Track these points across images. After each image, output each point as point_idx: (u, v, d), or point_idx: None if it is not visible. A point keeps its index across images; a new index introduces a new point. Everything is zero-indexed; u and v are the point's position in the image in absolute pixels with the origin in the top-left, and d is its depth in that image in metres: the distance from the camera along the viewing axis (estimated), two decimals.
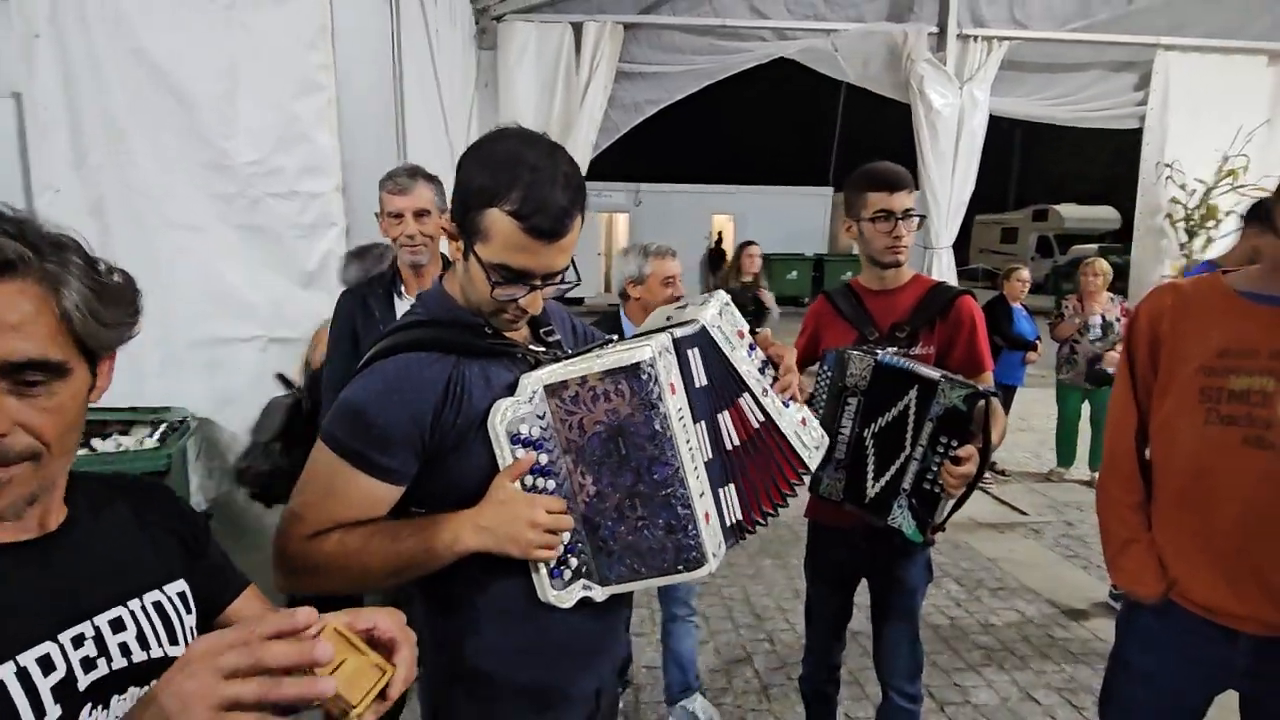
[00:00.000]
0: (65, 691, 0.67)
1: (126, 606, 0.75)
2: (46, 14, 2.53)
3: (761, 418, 1.18)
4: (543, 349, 1.16)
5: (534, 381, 1.06)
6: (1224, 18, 5.48)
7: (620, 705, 2.56)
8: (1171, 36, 5.45)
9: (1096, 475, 1.61)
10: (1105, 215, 22.68)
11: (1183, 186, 5.57)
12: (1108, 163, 25.24)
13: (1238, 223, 5.41)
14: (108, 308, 0.68)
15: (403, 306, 2.04)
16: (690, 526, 1.08)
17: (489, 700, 1.14)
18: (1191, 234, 5.63)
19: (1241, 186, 5.47)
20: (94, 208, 2.64)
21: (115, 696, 0.71)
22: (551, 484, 1.08)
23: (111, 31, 2.56)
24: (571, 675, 1.17)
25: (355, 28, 2.92)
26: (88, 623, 0.71)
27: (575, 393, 1.05)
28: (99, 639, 0.71)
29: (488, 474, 1.06)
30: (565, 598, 1.09)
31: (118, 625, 0.73)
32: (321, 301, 2.16)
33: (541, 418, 1.06)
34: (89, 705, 0.69)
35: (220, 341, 2.70)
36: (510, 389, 1.07)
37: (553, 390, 1.06)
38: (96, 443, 2.25)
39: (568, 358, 1.10)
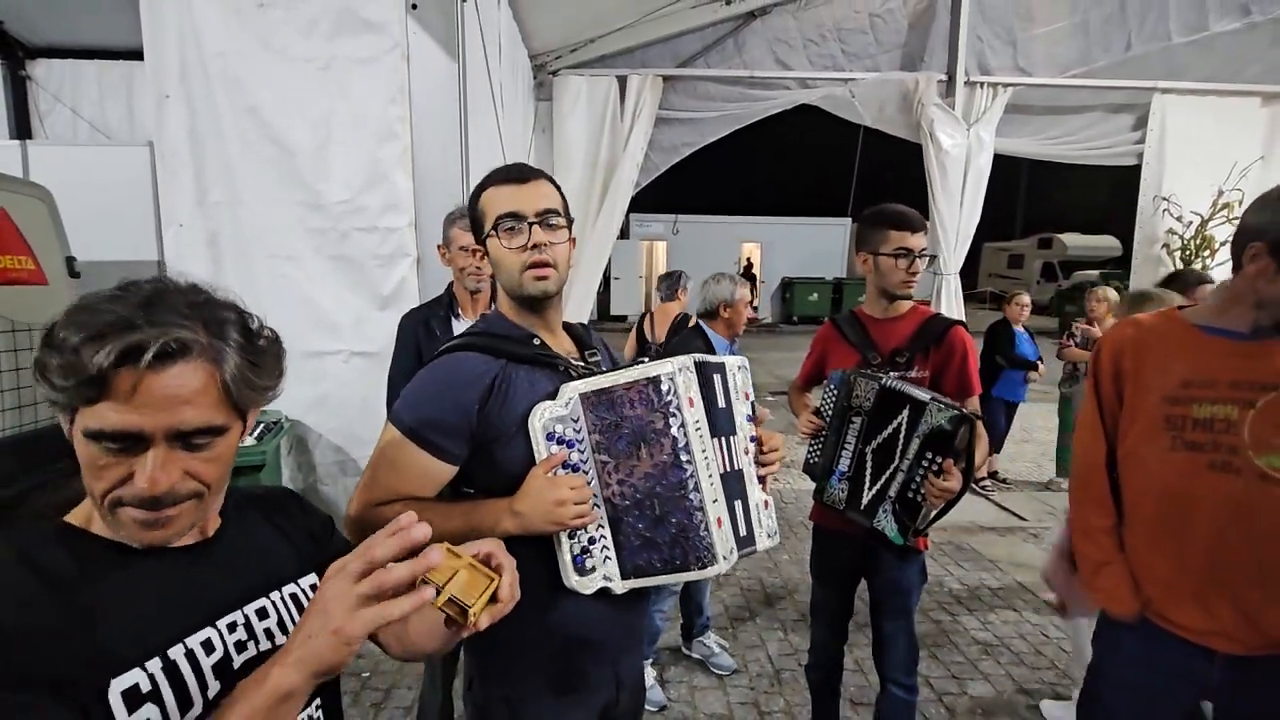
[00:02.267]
0: (223, 670, 0.71)
1: (269, 597, 0.79)
2: (176, 77, 2.70)
3: (738, 467, 1.17)
4: (583, 364, 1.19)
5: (571, 390, 1.09)
6: (1218, 63, 5.25)
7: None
8: (1168, 81, 5.25)
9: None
10: (1106, 243, 21.83)
11: (1179, 218, 5.36)
12: (1108, 195, 24.32)
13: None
14: (259, 376, 0.72)
15: (459, 326, 2.08)
16: (702, 529, 1.07)
17: (513, 683, 1.14)
18: (1188, 263, 5.40)
19: (1236, 218, 5.22)
20: (211, 240, 2.78)
21: None
22: (580, 479, 1.08)
23: (229, 92, 2.70)
24: (590, 662, 1.16)
25: (429, 86, 3.01)
26: (239, 611, 0.75)
27: (606, 401, 1.07)
28: (248, 625, 0.75)
29: (527, 467, 1.08)
30: (587, 584, 1.09)
31: (263, 613, 0.77)
32: (395, 321, 2.22)
33: (575, 421, 1.08)
34: None
35: (311, 354, 2.79)
36: (551, 395, 1.10)
37: (587, 398, 1.08)
38: None
39: (603, 373, 1.13)
